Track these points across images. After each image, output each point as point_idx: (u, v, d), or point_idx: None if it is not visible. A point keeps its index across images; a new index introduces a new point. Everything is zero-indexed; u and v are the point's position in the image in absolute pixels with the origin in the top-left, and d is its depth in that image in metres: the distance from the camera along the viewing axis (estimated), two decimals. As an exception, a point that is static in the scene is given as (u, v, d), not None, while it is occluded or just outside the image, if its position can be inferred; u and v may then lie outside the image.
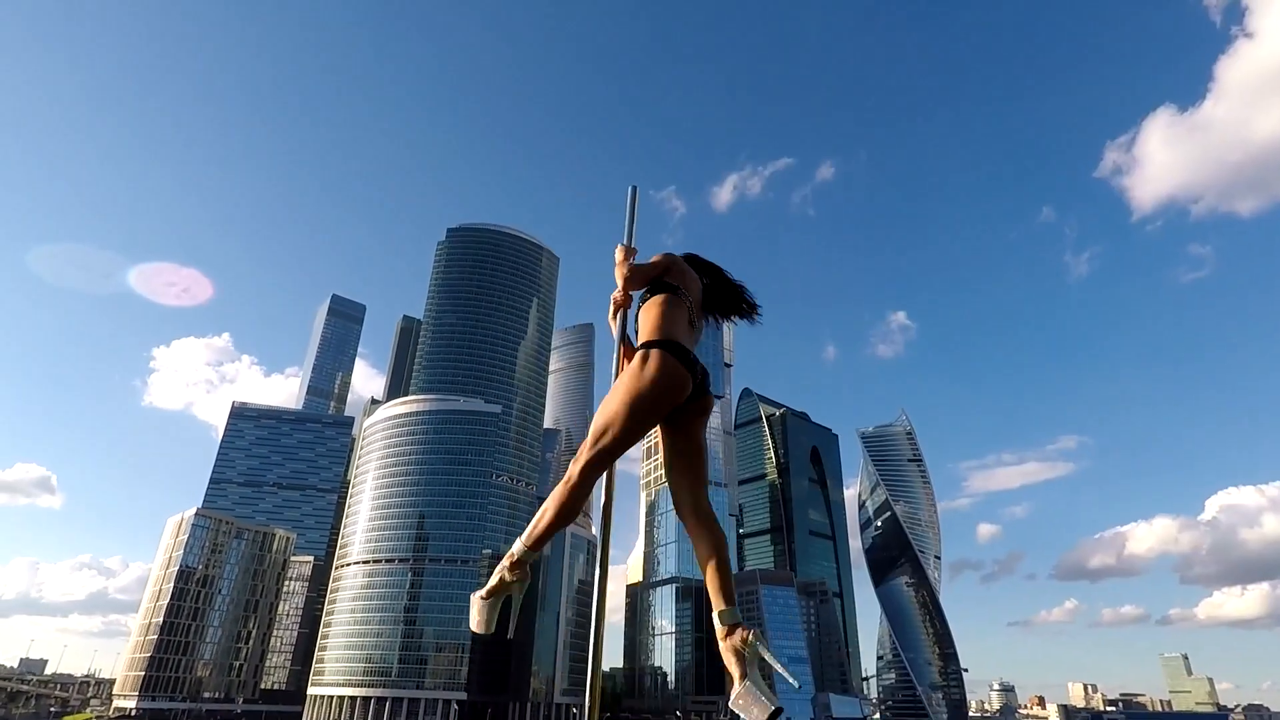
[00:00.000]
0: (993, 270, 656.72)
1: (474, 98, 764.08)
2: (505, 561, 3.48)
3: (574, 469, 3.28)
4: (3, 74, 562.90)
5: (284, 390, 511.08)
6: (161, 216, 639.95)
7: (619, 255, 3.92)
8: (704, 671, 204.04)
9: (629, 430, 3.23)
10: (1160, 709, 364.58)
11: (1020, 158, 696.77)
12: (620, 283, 3.88)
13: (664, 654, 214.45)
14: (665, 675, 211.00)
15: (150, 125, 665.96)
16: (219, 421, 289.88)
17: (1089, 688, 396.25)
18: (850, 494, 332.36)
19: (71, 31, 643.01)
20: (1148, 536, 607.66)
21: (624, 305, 3.98)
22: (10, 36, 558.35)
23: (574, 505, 3.30)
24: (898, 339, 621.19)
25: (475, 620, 3.54)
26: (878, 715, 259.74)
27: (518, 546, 3.43)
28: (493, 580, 3.50)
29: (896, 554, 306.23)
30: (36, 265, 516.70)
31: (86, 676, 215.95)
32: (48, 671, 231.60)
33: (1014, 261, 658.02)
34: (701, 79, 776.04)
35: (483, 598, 3.49)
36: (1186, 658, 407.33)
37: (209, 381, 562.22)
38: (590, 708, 3.30)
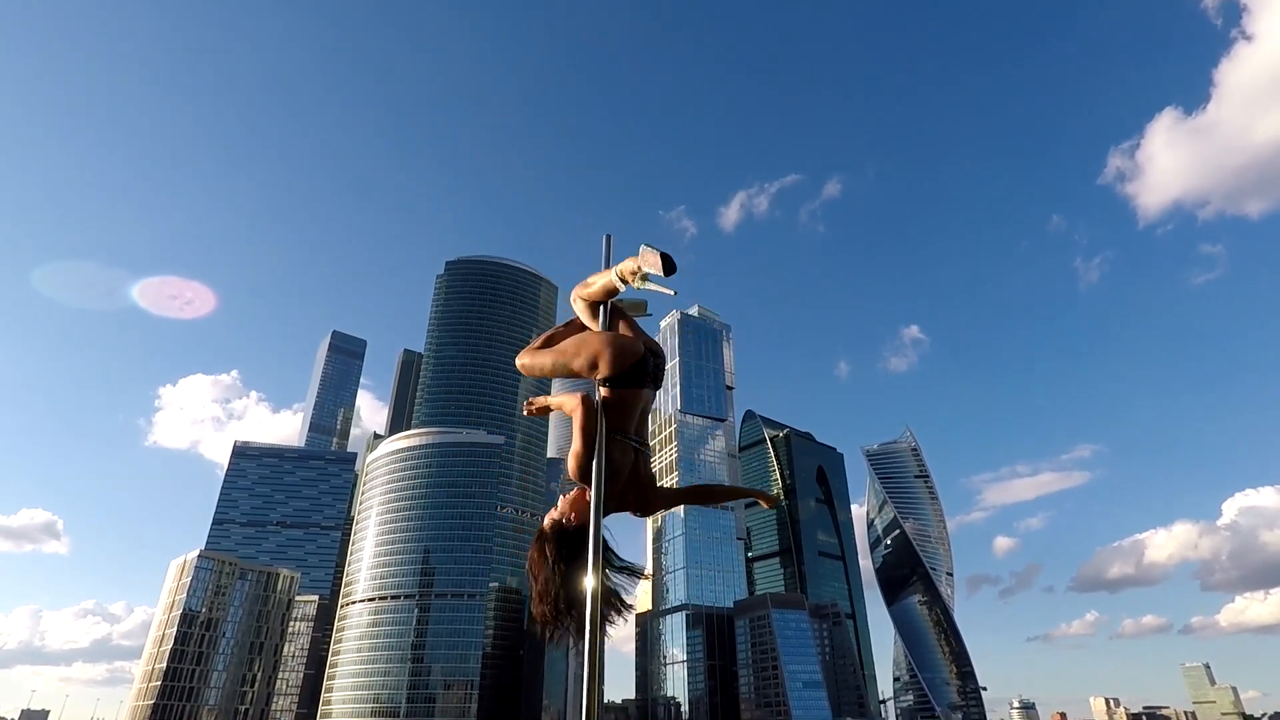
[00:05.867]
0: (1004, 280, 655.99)
1: (472, 126, 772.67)
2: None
3: None
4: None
5: (291, 426, 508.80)
6: (168, 253, 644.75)
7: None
8: (718, 700, 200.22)
9: None
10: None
11: (1028, 167, 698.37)
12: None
13: (676, 683, 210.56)
14: (678, 705, 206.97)
15: (154, 165, 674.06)
16: (226, 460, 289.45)
17: (1111, 702, 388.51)
18: (858, 513, 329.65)
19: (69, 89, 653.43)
20: (1167, 543, 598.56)
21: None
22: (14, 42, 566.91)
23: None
24: (910, 353, 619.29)
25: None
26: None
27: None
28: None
29: (908, 572, 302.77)
30: (43, 287, 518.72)
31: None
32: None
33: (1025, 270, 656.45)
34: (707, 97, 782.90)
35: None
36: (1208, 666, 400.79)
37: (216, 419, 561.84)
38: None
